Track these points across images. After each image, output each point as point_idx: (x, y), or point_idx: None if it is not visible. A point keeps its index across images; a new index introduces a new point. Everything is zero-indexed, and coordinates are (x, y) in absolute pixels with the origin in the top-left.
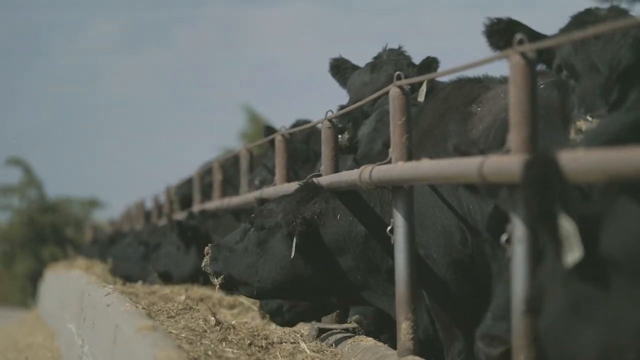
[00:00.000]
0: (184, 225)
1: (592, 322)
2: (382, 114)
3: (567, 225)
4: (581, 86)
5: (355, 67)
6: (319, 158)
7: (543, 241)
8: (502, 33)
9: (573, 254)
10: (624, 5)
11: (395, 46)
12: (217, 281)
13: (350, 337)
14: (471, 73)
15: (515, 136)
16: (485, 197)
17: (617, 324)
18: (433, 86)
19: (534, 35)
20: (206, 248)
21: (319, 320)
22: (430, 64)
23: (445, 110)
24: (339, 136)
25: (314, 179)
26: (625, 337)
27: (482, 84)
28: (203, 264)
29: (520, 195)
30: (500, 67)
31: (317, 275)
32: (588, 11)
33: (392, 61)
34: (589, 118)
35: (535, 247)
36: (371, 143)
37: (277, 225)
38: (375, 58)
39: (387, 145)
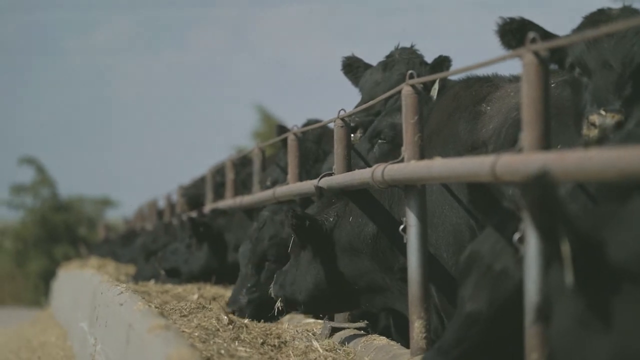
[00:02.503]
0: (195, 221)
1: (604, 333)
2: (388, 111)
3: (565, 249)
4: (594, 83)
5: (367, 66)
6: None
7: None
8: (514, 32)
9: (569, 277)
10: (636, 5)
11: (408, 45)
12: (279, 305)
13: (363, 335)
14: (483, 72)
15: (528, 135)
16: (484, 216)
17: (631, 334)
18: (444, 85)
19: (546, 35)
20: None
21: (332, 319)
22: (442, 62)
23: (454, 109)
24: (352, 135)
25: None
26: (639, 347)
27: (491, 83)
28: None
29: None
30: (512, 67)
31: (341, 278)
32: (600, 11)
33: (404, 60)
34: (602, 112)
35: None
36: (363, 142)
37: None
38: (388, 57)
39: (370, 138)
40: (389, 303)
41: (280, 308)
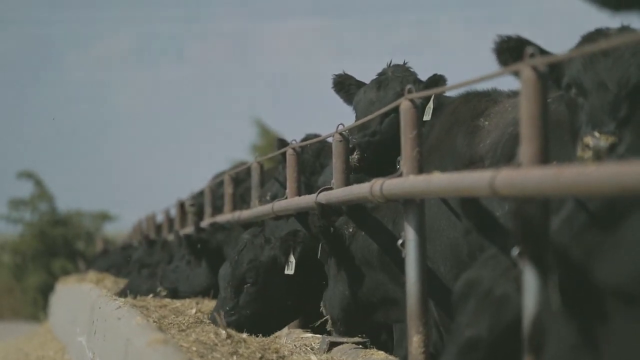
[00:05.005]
0: (192, 238)
1: (601, 355)
2: None
3: (552, 279)
4: (589, 103)
5: (359, 83)
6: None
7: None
8: (511, 51)
9: (555, 304)
10: (635, 25)
11: (400, 61)
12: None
13: (361, 350)
14: (481, 87)
15: (527, 150)
16: (478, 230)
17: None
18: (441, 103)
19: (543, 53)
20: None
21: (330, 333)
22: (437, 81)
23: (452, 123)
24: (349, 157)
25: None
26: None
27: (489, 98)
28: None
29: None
30: (508, 83)
31: (361, 291)
32: (598, 31)
33: (398, 78)
34: (596, 134)
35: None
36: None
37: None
38: (380, 74)
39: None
40: (402, 316)
41: (328, 328)
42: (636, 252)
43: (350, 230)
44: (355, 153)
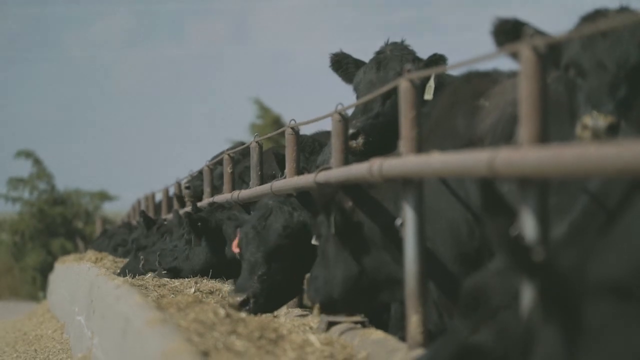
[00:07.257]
0: (192, 216)
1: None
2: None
3: (536, 293)
4: (588, 83)
5: (357, 62)
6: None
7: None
8: (508, 33)
9: (537, 315)
10: (633, 5)
11: (397, 40)
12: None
13: (359, 329)
14: (481, 67)
15: (526, 130)
16: (493, 220)
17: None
18: (442, 83)
19: (540, 34)
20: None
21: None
22: (437, 61)
23: (452, 103)
24: (354, 141)
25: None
26: None
27: (490, 78)
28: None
29: None
30: (506, 64)
31: (365, 269)
32: (597, 12)
33: (397, 57)
34: (595, 114)
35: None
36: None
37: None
38: (378, 53)
39: None
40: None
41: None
42: (630, 253)
43: (350, 203)
44: (360, 137)
